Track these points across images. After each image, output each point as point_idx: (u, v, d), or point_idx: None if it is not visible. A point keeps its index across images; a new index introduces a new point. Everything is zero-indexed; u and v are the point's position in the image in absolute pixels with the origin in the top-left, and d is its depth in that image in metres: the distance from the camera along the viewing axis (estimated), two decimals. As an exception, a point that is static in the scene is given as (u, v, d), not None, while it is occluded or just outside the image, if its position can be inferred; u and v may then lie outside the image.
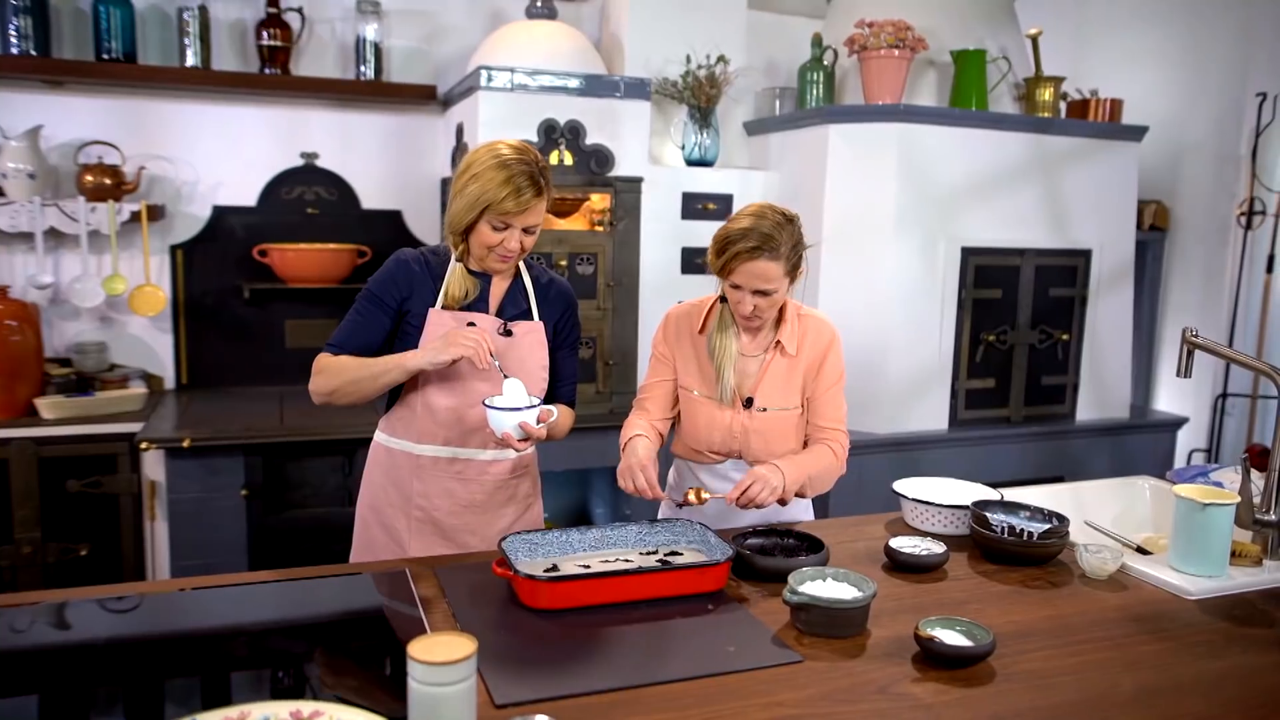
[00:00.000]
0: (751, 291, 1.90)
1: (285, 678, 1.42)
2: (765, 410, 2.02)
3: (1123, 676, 1.42)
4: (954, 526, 2.04)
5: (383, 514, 2.00)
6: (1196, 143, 4.26)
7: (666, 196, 3.50)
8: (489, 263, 1.91)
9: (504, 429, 1.82)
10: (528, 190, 1.83)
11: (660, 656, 1.43)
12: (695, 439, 2.08)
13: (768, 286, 1.89)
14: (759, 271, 1.87)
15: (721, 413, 2.04)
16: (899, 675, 1.40)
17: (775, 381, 2.02)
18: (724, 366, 2.01)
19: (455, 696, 1.15)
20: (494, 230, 1.85)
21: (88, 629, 1.53)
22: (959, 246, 3.38)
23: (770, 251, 1.86)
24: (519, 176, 1.82)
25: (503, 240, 1.85)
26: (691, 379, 2.07)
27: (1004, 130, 3.43)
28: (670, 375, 2.09)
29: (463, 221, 1.87)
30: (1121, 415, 3.82)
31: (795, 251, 1.91)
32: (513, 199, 1.81)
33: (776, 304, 1.95)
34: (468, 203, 1.84)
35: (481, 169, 1.84)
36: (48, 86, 3.39)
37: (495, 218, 1.83)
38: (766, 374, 2.02)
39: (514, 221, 1.84)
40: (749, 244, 1.86)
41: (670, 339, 2.09)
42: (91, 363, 3.44)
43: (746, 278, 1.88)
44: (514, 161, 1.84)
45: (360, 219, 3.83)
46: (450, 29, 3.87)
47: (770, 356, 2.03)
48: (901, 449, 3.32)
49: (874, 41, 3.27)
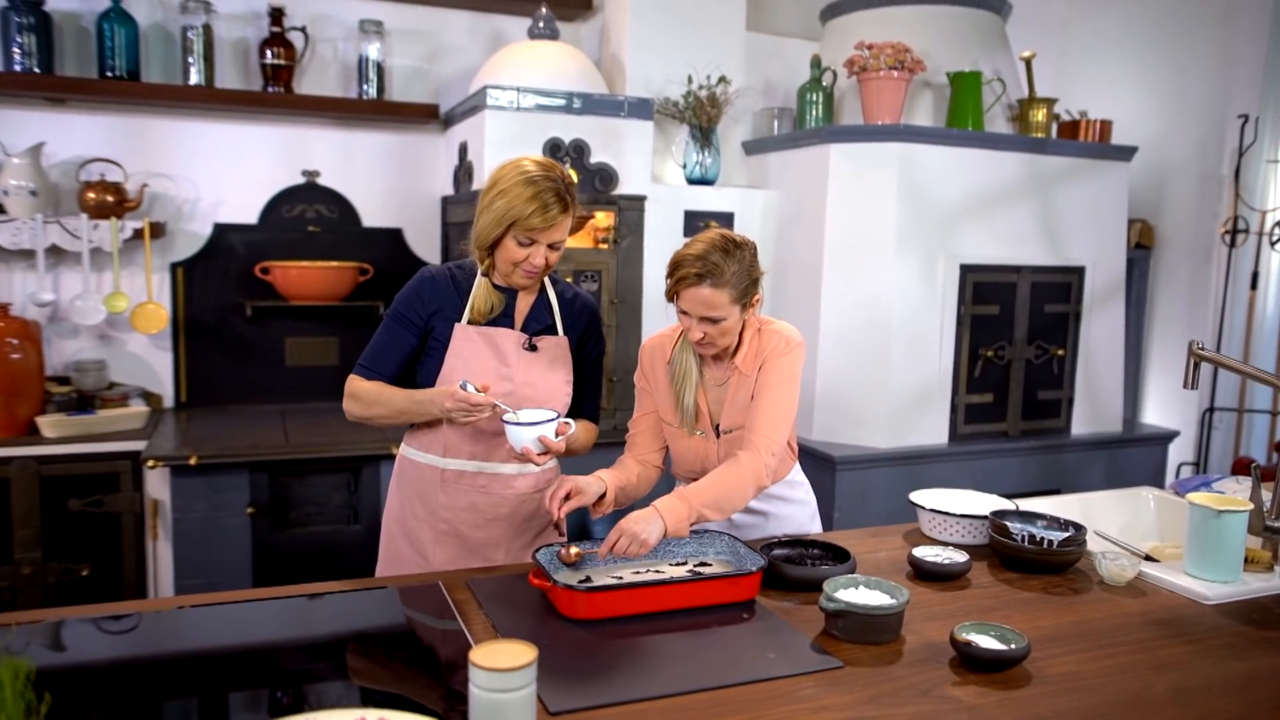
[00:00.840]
0: (699, 318, 1.87)
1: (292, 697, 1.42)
2: (730, 432, 2.00)
3: (1154, 678, 1.45)
4: (972, 536, 2.08)
5: (408, 527, 2.00)
6: (1180, 163, 4.36)
7: (669, 214, 3.54)
8: (514, 278, 1.94)
9: (523, 443, 1.84)
10: (554, 206, 1.85)
11: (704, 664, 1.45)
12: (682, 468, 2.09)
13: (713, 314, 1.85)
14: (703, 299, 1.84)
15: (694, 441, 2.03)
16: (939, 679, 1.43)
17: (737, 403, 1.99)
18: (684, 391, 1.99)
19: (517, 703, 1.16)
20: (520, 246, 1.87)
21: (121, 648, 1.52)
22: (958, 263, 3.44)
23: (713, 279, 1.82)
24: (545, 193, 1.85)
25: (528, 256, 1.88)
26: (665, 409, 2.05)
27: (999, 150, 3.50)
28: (652, 408, 2.08)
29: (489, 237, 1.89)
30: (1115, 429, 3.89)
31: (743, 279, 1.86)
32: (539, 215, 1.84)
33: (727, 331, 1.90)
34: (494, 218, 1.87)
35: (508, 185, 1.87)
36: (50, 104, 3.38)
37: (521, 233, 1.86)
38: (730, 398, 2.00)
39: (540, 237, 1.87)
40: (693, 271, 1.83)
41: (646, 372, 2.08)
42: (91, 381, 3.42)
43: (691, 304, 1.86)
44: (540, 178, 1.87)
45: (361, 237, 3.84)
46: (451, 49, 3.91)
47: (732, 379, 2.00)
48: (903, 463, 3.37)
49: (874, 63, 3.34)
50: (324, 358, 3.82)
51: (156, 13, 3.49)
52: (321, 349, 3.82)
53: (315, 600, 1.71)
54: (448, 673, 1.43)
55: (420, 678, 1.42)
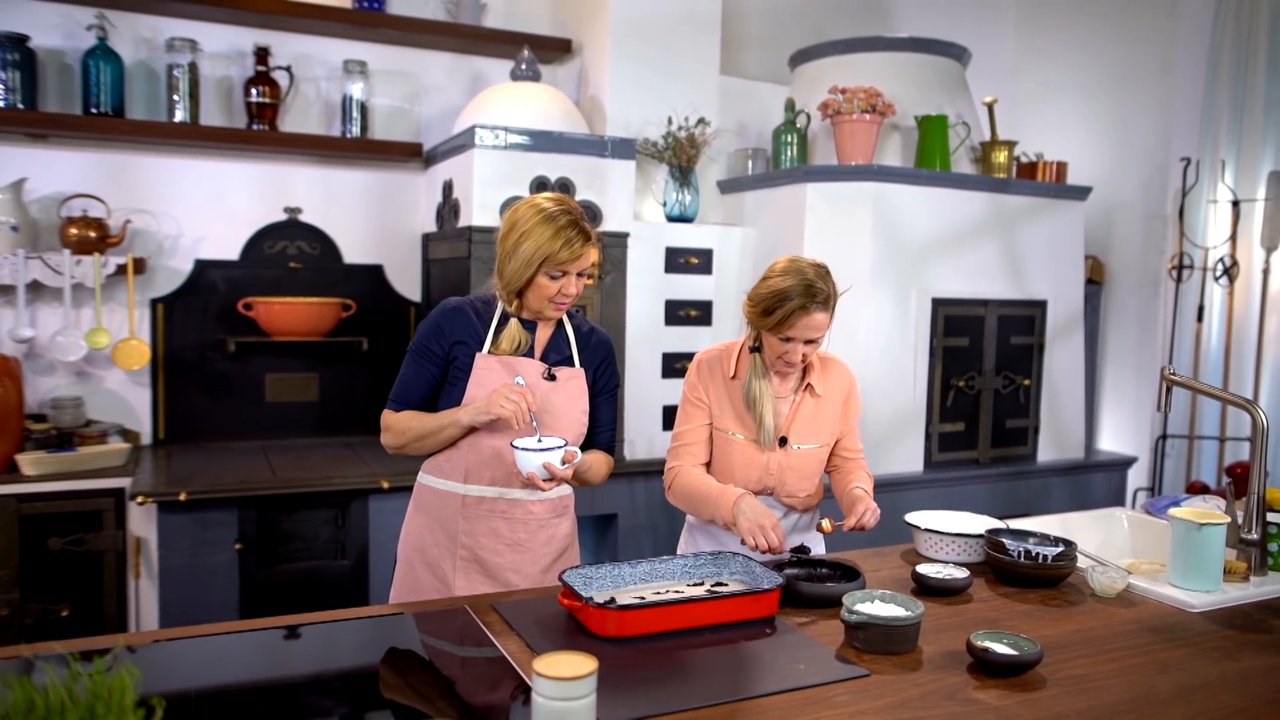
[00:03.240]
0: (805, 341, 2.05)
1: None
2: (798, 448, 2.16)
3: (1158, 678, 1.55)
4: (966, 554, 2.17)
5: (428, 554, 2.03)
6: (1126, 203, 4.60)
7: (651, 251, 3.64)
8: (547, 311, 2.01)
9: (529, 469, 1.90)
10: (578, 239, 1.93)
11: (738, 675, 1.51)
12: (729, 477, 2.17)
13: (819, 334, 2.06)
14: (815, 324, 2.02)
15: (760, 454, 2.16)
16: (960, 684, 1.51)
17: (805, 421, 2.17)
18: (764, 412, 2.13)
19: (580, 711, 1.21)
20: (551, 280, 1.94)
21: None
22: (929, 297, 3.59)
23: (823, 304, 2.02)
24: (567, 228, 1.93)
25: (560, 288, 1.95)
26: (729, 421, 2.17)
27: (966, 190, 3.68)
28: (707, 419, 2.19)
29: (522, 278, 1.96)
30: (1077, 455, 4.05)
31: (836, 297, 2.09)
32: (566, 249, 1.92)
33: (817, 348, 2.12)
34: (524, 260, 1.94)
35: (530, 226, 1.94)
36: (32, 140, 3.37)
37: (552, 268, 1.93)
38: (797, 414, 2.17)
39: (570, 269, 1.94)
40: (805, 300, 2.00)
41: (705, 383, 2.20)
42: (68, 418, 3.37)
43: (804, 330, 2.03)
44: (559, 213, 1.94)
45: (342, 273, 3.87)
46: (432, 89, 3.99)
47: (800, 398, 2.17)
48: (882, 490, 3.44)
49: (847, 107, 3.50)
50: (305, 393, 3.82)
51: (141, 51, 3.51)
52: (302, 385, 3.82)
53: (340, 626, 1.73)
54: (494, 686, 1.46)
55: (469, 692, 1.46)
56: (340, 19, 3.63)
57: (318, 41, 3.76)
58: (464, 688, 1.50)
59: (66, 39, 3.41)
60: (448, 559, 2.02)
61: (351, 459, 3.47)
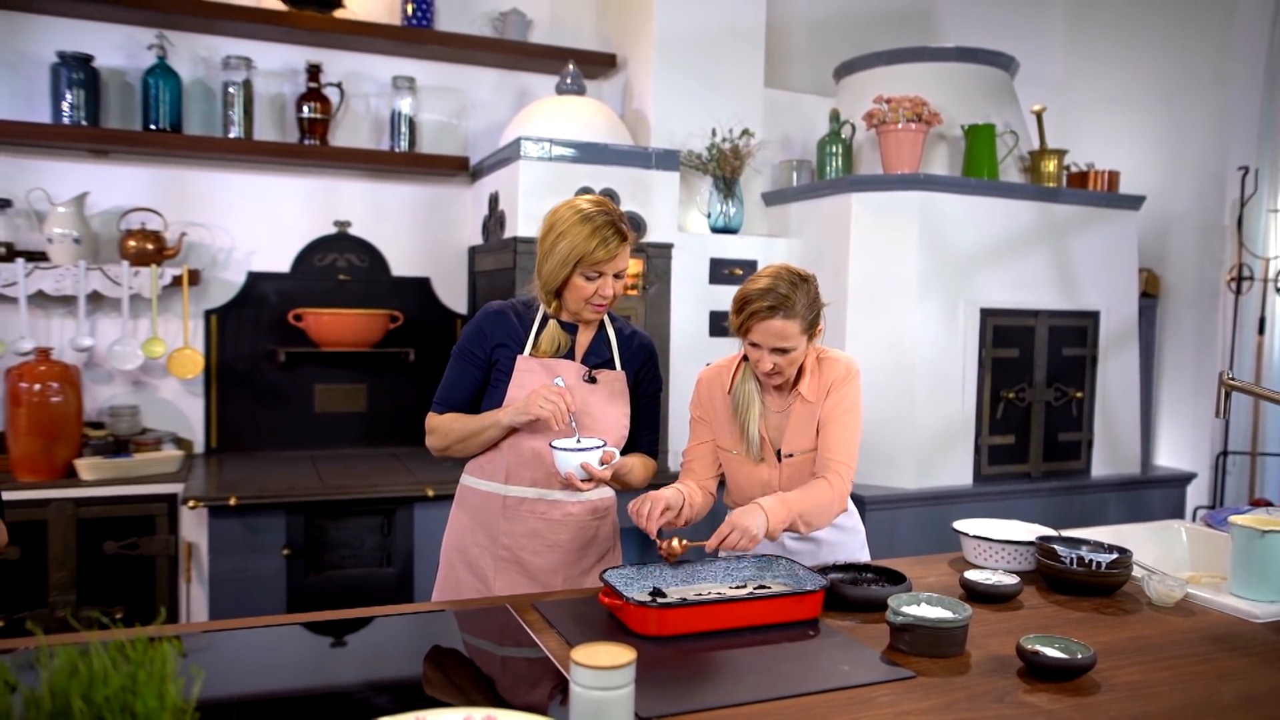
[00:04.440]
0: (770, 350, 1.94)
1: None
2: (791, 456, 2.06)
3: (1219, 685, 1.49)
4: (1016, 562, 2.12)
5: (469, 555, 2.04)
6: (1181, 213, 4.50)
7: (695, 262, 3.64)
8: (585, 313, 2.01)
9: (567, 469, 1.90)
10: (614, 239, 1.94)
11: (781, 674, 1.49)
12: (740, 495, 2.14)
13: (785, 344, 1.93)
14: (775, 330, 1.91)
15: (758, 468, 2.09)
16: (1010, 687, 1.47)
17: (798, 428, 2.06)
18: (748, 421, 2.05)
19: (618, 701, 1.20)
20: (588, 280, 1.95)
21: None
22: (978, 308, 3.54)
23: (785, 311, 1.90)
24: (604, 228, 1.94)
25: (597, 289, 1.96)
26: (726, 439, 2.11)
27: (1014, 199, 3.63)
28: (708, 437, 2.14)
29: (559, 277, 1.96)
30: (1133, 470, 3.95)
31: (811, 310, 1.95)
32: (602, 248, 1.92)
33: (795, 361, 1.98)
34: (560, 259, 1.95)
35: (567, 226, 1.95)
36: (94, 156, 3.48)
37: (588, 268, 1.94)
38: (790, 423, 2.06)
39: (605, 269, 1.95)
40: (765, 304, 1.91)
41: (704, 403, 2.15)
42: (125, 426, 3.46)
43: (764, 336, 1.93)
44: (596, 214, 1.95)
45: (390, 286, 3.92)
46: (479, 104, 4.04)
47: (795, 406, 2.07)
48: (930, 503, 3.41)
49: (893, 116, 3.47)
50: (353, 404, 3.87)
51: (199, 69, 3.62)
52: (350, 395, 3.87)
53: (384, 623, 1.74)
54: (535, 683, 1.46)
55: (510, 689, 1.45)
56: (389, 36, 3.71)
57: (368, 59, 3.84)
58: (504, 686, 1.49)
59: (129, 59, 3.52)
60: (489, 559, 2.02)
61: (398, 468, 3.50)
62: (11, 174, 3.40)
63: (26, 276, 3.26)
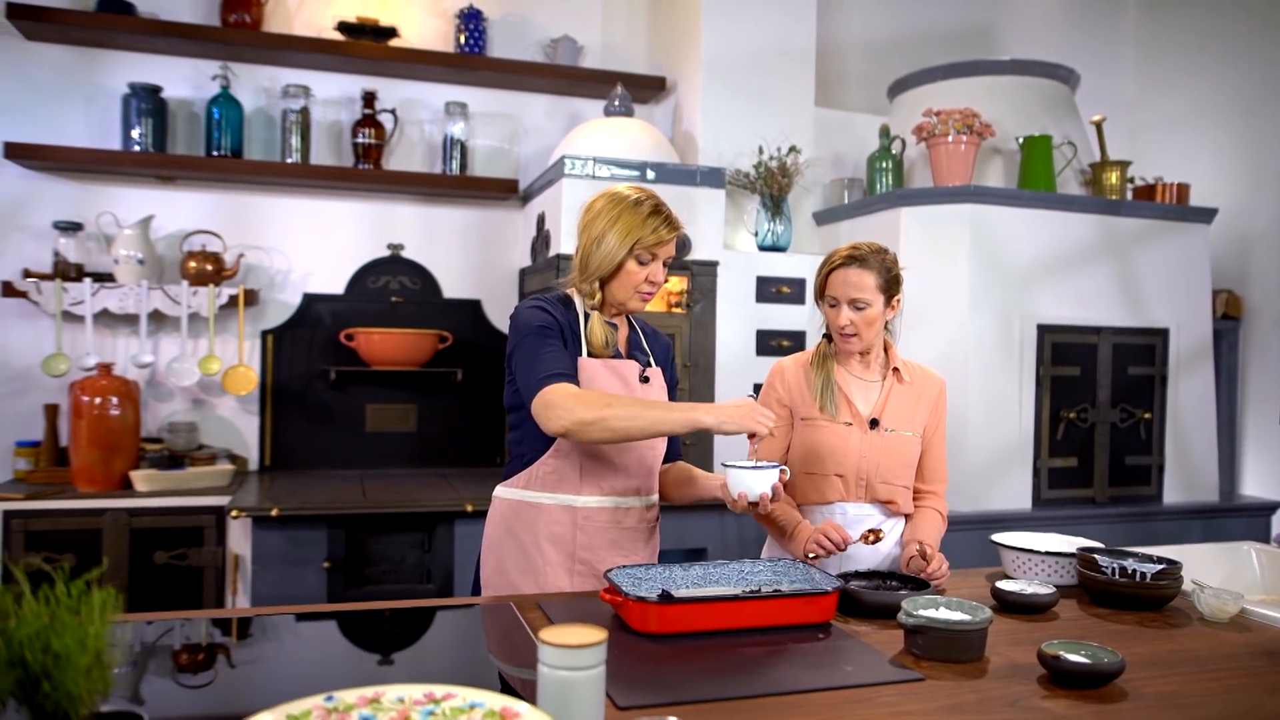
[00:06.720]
0: (847, 302, 2.01)
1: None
2: (891, 431, 2.07)
3: (1265, 698, 1.36)
4: (1057, 576, 1.99)
5: (543, 577, 1.93)
6: (1263, 232, 4.26)
7: (741, 280, 3.59)
8: (631, 303, 1.95)
9: (759, 490, 1.79)
10: (664, 224, 1.91)
11: (778, 673, 1.41)
12: (820, 465, 2.06)
13: (861, 296, 2.00)
14: (852, 281, 2.00)
15: (849, 434, 2.06)
16: (1026, 693, 1.36)
17: (897, 406, 2.09)
18: (831, 382, 2.08)
19: (585, 682, 1.14)
20: (640, 265, 1.91)
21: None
22: (1034, 324, 3.39)
23: (860, 262, 2.01)
24: (654, 213, 1.91)
25: (648, 274, 1.92)
26: (809, 409, 2.10)
27: (1073, 211, 3.49)
28: (786, 420, 2.13)
29: (613, 262, 1.89)
30: (1211, 498, 3.71)
31: (888, 272, 2.04)
32: (664, 227, 1.90)
33: (872, 322, 2.03)
34: (615, 244, 1.88)
35: (617, 211, 1.90)
36: (160, 181, 3.63)
37: (643, 251, 1.89)
38: (889, 398, 2.09)
39: (659, 252, 1.92)
40: (843, 254, 2.05)
41: (789, 383, 2.14)
42: (182, 441, 3.55)
43: (841, 289, 2.02)
44: (644, 199, 1.93)
45: (441, 308, 3.97)
46: (531, 130, 4.10)
47: (890, 382, 2.11)
48: (985, 526, 3.25)
49: (943, 128, 3.39)
50: (403, 424, 3.91)
51: (260, 98, 3.76)
52: (401, 416, 3.92)
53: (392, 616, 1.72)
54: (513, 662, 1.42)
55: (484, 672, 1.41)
56: (443, 63, 3.80)
57: (422, 86, 3.94)
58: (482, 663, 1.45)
59: (195, 89, 3.68)
60: (563, 576, 1.93)
61: (442, 486, 3.51)
62: (84, 199, 3.57)
63: (93, 295, 3.40)
